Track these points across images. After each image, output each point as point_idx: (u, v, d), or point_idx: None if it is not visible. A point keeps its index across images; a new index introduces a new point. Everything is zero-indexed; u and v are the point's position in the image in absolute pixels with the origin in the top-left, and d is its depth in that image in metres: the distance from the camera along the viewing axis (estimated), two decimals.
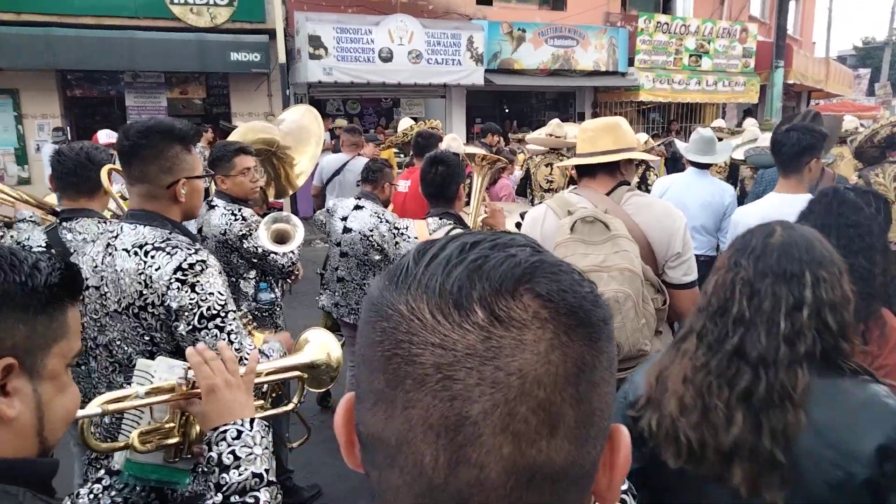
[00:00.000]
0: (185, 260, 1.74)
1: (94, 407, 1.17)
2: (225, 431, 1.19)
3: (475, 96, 14.44)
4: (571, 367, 0.46)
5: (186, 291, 1.73)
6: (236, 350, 1.73)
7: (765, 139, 5.90)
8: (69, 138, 9.89)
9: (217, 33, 11.12)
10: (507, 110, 16.48)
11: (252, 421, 1.22)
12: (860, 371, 1.26)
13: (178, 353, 1.79)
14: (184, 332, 1.74)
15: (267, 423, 1.28)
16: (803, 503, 1.18)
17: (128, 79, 11.62)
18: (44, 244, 2.56)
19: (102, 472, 1.29)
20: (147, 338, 1.80)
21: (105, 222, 2.62)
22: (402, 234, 3.12)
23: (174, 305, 1.73)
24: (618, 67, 14.65)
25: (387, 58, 12.13)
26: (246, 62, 11.09)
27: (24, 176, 10.86)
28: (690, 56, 15.48)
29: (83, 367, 2.61)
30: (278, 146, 4.13)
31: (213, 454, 1.17)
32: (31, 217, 2.93)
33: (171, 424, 1.27)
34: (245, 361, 1.76)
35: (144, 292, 1.76)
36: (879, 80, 24.96)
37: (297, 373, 1.47)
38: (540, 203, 6.12)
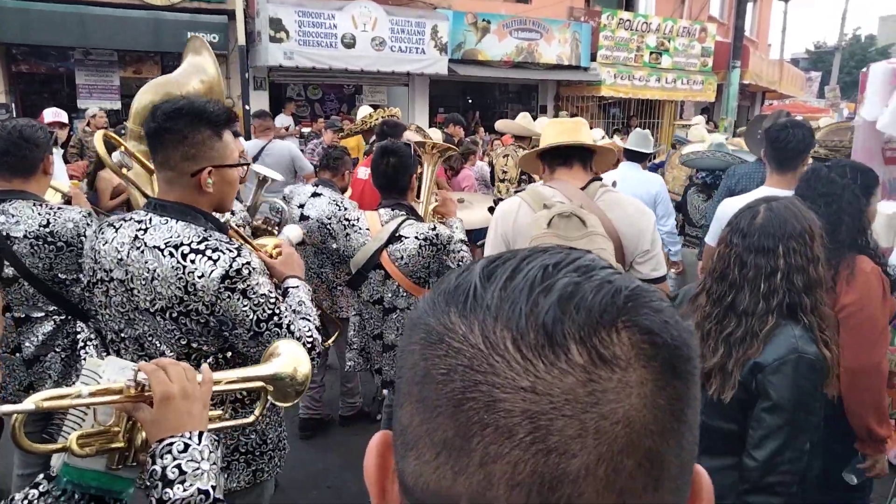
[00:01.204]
0: (230, 266, 1.64)
1: (28, 403, 1.09)
2: (171, 444, 1.12)
3: (439, 86, 14.38)
4: (678, 410, 0.41)
5: (239, 299, 1.65)
6: (291, 331, 1.72)
7: (708, 140, 6.09)
8: (13, 116, 9.46)
9: (174, 12, 10.79)
10: (470, 101, 16.47)
11: (201, 434, 1.15)
12: (809, 323, 1.75)
13: (221, 353, 1.77)
14: (245, 338, 1.70)
15: (217, 437, 1.21)
16: (737, 398, 1.75)
17: (78, 56, 11.17)
18: None
19: (41, 476, 1.20)
20: (184, 341, 1.71)
21: (41, 205, 2.49)
22: (353, 225, 3.07)
23: (229, 315, 1.66)
24: (580, 62, 14.78)
25: (350, 44, 11.97)
26: None
27: None
28: (651, 53, 15.71)
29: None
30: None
31: (157, 467, 1.11)
32: None
33: (116, 429, 1.19)
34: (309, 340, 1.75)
35: (186, 299, 1.65)
36: (829, 83, 25.82)
37: (259, 384, 1.39)
38: (497, 193, 6.24)
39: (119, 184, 4.93)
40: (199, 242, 1.66)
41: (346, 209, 3.65)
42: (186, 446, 1.13)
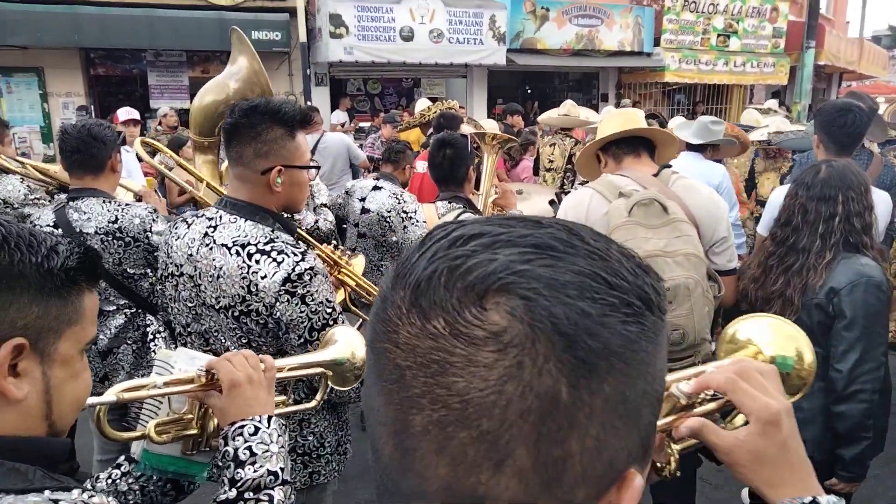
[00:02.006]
0: (293, 270, 1.64)
1: (109, 395, 1.15)
2: (242, 427, 1.17)
3: (497, 76, 14.27)
4: (533, 403, 0.40)
5: (297, 304, 1.66)
6: None
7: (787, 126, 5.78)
8: (93, 117, 9.97)
9: (238, 11, 11.09)
10: (529, 91, 16.27)
11: (270, 418, 1.20)
12: (871, 253, 2.12)
13: (279, 355, 1.75)
14: (295, 344, 1.71)
15: (284, 422, 1.25)
16: (804, 316, 2.12)
17: (150, 57, 11.65)
18: (52, 223, 2.56)
19: (122, 457, 1.28)
20: (245, 339, 1.74)
21: (110, 202, 2.60)
22: (411, 217, 3.07)
23: (284, 319, 1.67)
24: (643, 48, 14.35)
25: (408, 37, 12.01)
26: (267, 41, 11.05)
27: (50, 154, 11.00)
28: (718, 36, 15.10)
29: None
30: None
31: (230, 449, 1.16)
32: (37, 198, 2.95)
33: (190, 416, 1.26)
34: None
35: (248, 298, 1.67)
36: None
37: (320, 370, 1.43)
38: (542, 183, 6.13)
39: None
40: (265, 243, 1.67)
41: (404, 202, 3.66)
42: (257, 429, 1.17)
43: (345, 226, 5.82)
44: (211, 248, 1.72)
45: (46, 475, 0.83)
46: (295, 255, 1.67)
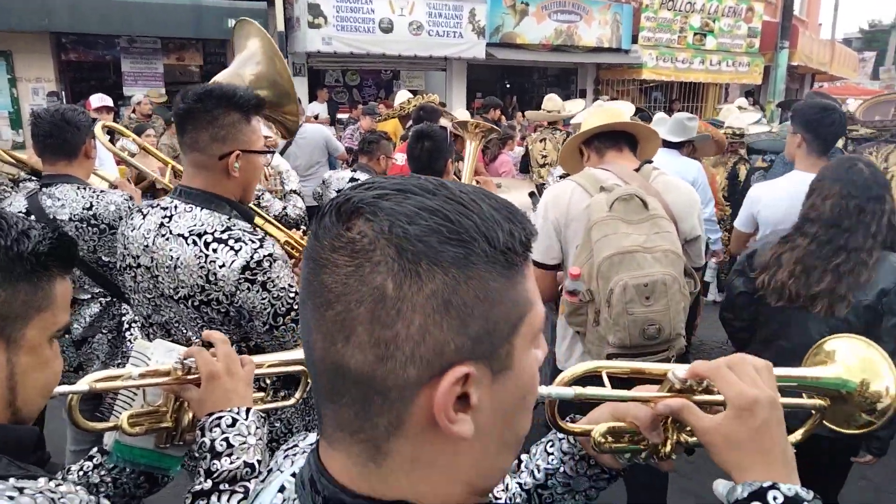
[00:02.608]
0: (251, 257, 1.62)
1: (82, 384, 1.13)
2: (220, 418, 1.15)
3: (476, 70, 14.27)
4: (367, 294, 0.54)
5: (258, 291, 1.64)
6: None
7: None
8: (64, 103, 9.73)
9: None
10: (508, 85, 16.31)
11: (248, 410, 1.19)
12: None
13: (244, 342, 1.75)
14: (260, 331, 1.69)
15: (263, 415, 1.24)
16: (852, 316, 2.17)
17: (124, 44, 11.42)
18: (24, 210, 2.49)
19: (94, 449, 1.26)
20: (206, 329, 1.67)
21: (85, 188, 2.55)
22: None
23: (246, 306, 1.66)
24: (621, 44, 14.48)
25: (387, 28, 11.95)
26: None
27: (19, 140, 10.73)
28: (695, 34, 15.30)
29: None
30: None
31: (206, 440, 1.14)
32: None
33: (164, 409, 1.24)
34: None
35: (207, 288, 1.65)
36: (884, 63, 24.74)
37: (300, 367, 1.40)
38: (538, 179, 6.17)
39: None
40: (222, 231, 1.65)
41: None
42: (234, 421, 1.16)
43: None
44: (167, 239, 1.69)
45: (12, 463, 0.81)
46: (253, 242, 1.65)
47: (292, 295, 1.69)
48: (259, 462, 1.16)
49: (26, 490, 0.77)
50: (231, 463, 1.12)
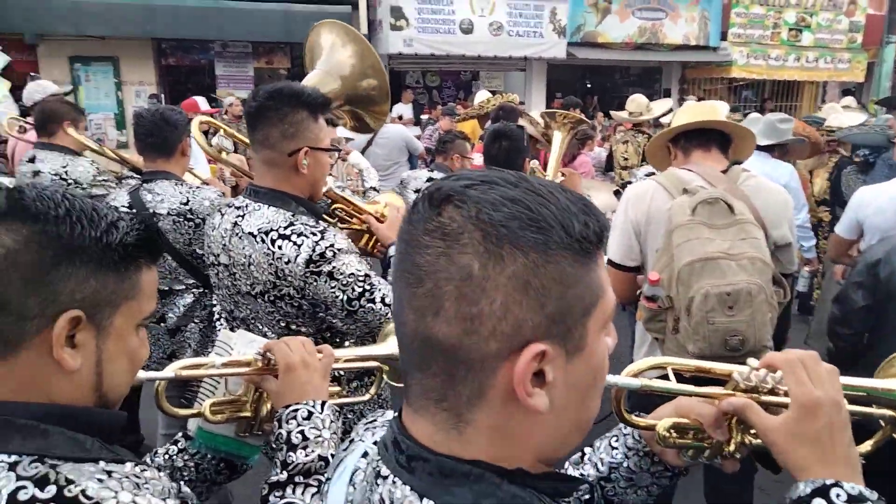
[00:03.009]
0: (313, 250, 1.66)
1: (168, 371, 1.18)
2: (296, 411, 1.18)
3: (556, 70, 14.10)
4: (455, 273, 0.59)
5: (325, 282, 1.67)
6: (386, 304, 1.71)
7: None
8: (162, 104, 10.35)
9: (302, 3, 11.30)
10: (589, 85, 16.02)
11: (324, 404, 1.20)
12: None
13: (319, 334, 1.79)
14: (340, 318, 1.73)
15: (338, 409, 1.26)
16: None
17: (218, 48, 12.01)
18: (126, 204, 2.67)
19: (179, 434, 1.31)
20: (283, 323, 1.77)
21: (181, 184, 2.71)
22: None
23: (318, 298, 1.70)
24: (709, 42, 13.92)
25: (467, 29, 12.00)
26: None
27: (123, 140, 11.49)
28: (790, 30, 14.50)
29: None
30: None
31: (283, 431, 1.17)
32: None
33: (244, 399, 1.27)
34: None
35: (278, 283, 1.70)
36: None
37: (375, 363, 1.42)
38: (619, 181, 6.03)
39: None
40: (285, 227, 1.69)
41: None
42: (310, 414, 1.18)
43: None
44: (240, 237, 1.75)
45: (103, 446, 0.84)
46: (314, 234, 1.68)
47: (362, 278, 1.70)
48: (333, 456, 1.17)
49: (114, 474, 0.80)
50: (306, 456, 1.14)
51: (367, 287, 1.71)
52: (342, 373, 1.45)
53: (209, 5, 10.77)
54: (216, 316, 2.78)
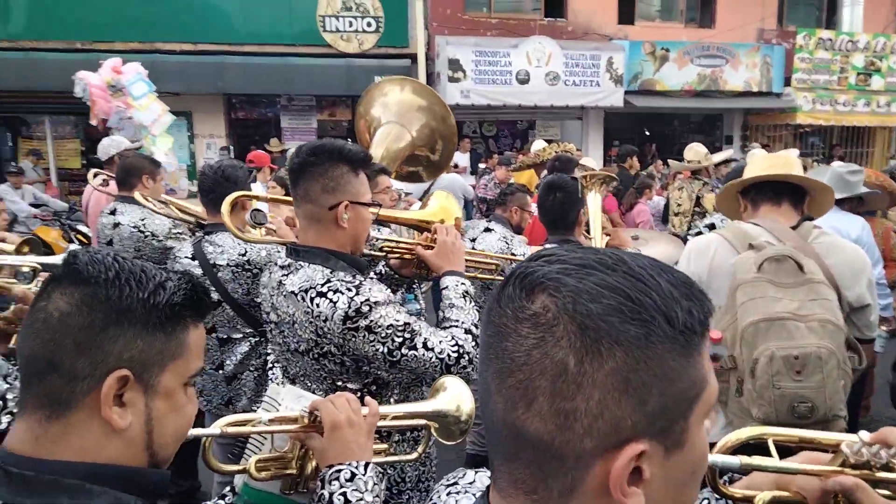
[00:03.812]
0: (349, 307, 1.65)
1: (215, 428, 1.19)
2: (339, 472, 1.17)
3: (613, 118, 14.08)
4: (549, 366, 0.57)
5: (364, 336, 1.67)
6: (428, 348, 1.69)
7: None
8: (231, 157, 10.86)
9: (363, 58, 11.75)
10: (647, 133, 15.89)
11: (367, 465, 1.20)
12: None
13: (366, 388, 1.79)
14: (385, 369, 1.72)
15: (382, 470, 1.26)
16: None
17: (283, 102, 12.58)
18: (190, 255, 2.81)
19: (227, 488, 1.32)
20: (329, 380, 1.77)
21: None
22: (518, 260, 3.05)
23: (359, 353, 1.70)
24: (772, 87, 13.66)
25: (524, 80, 12.17)
26: None
27: (194, 190, 11.99)
28: (858, 75, 14.08)
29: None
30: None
31: (325, 492, 1.16)
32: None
33: (290, 455, 1.27)
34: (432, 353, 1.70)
35: (320, 341, 1.71)
36: None
37: (423, 421, 1.40)
38: (671, 228, 5.90)
39: None
40: (322, 284, 1.69)
41: (513, 246, 3.66)
42: (353, 475, 1.17)
43: None
44: (285, 297, 1.76)
45: None
46: (349, 290, 1.67)
47: (401, 328, 1.68)
48: None
49: None
50: None
51: (408, 336, 1.69)
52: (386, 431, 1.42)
53: (276, 62, 11.33)
54: (270, 364, 2.82)
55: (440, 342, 1.71)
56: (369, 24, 11.84)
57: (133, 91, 6.10)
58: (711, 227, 3.63)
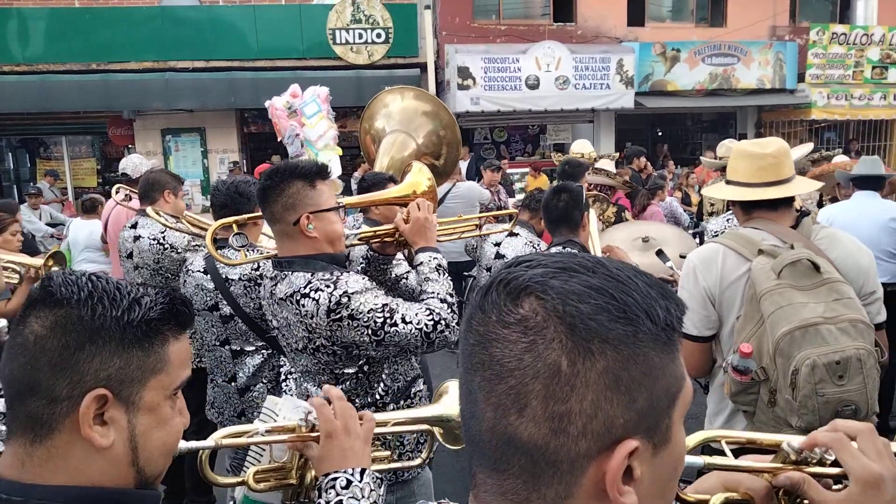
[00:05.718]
0: (330, 301, 1.77)
1: (210, 440, 1.19)
2: (335, 479, 1.17)
3: (625, 120, 14.02)
4: (542, 369, 0.57)
5: (348, 325, 1.78)
6: (406, 321, 1.78)
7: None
8: (244, 171, 10.96)
9: (373, 69, 11.82)
10: (659, 133, 15.80)
11: (363, 471, 1.19)
12: None
13: (360, 369, 1.92)
14: (373, 350, 1.84)
15: (380, 476, 1.24)
16: None
17: None
18: (202, 269, 2.84)
19: (229, 500, 1.33)
20: (328, 370, 1.89)
21: (253, 249, 2.81)
22: None
23: (347, 341, 1.81)
24: (785, 84, 13.52)
25: (533, 85, 12.16)
26: None
27: (208, 205, 12.16)
28: (874, 68, 13.89)
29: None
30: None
31: (322, 501, 1.16)
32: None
33: (290, 466, 1.26)
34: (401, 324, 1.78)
35: (312, 337, 1.84)
36: None
37: (426, 426, 1.39)
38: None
39: None
40: (304, 287, 1.82)
41: (539, 250, 3.66)
42: (349, 482, 1.16)
43: (466, 273, 5.86)
44: (278, 304, 1.90)
45: None
46: (328, 286, 1.79)
47: (380, 310, 1.79)
48: None
49: None
50: None
51: (388, 314, 1.79)
52: (389, 437, 1.42)
53: (287, 76, 11.42)
54: (283, 377, 2.83)
55: (416, 314, 1.81)
56: (379, 36, 11.92)
57: (306, 111, 7.07)
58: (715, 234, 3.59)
